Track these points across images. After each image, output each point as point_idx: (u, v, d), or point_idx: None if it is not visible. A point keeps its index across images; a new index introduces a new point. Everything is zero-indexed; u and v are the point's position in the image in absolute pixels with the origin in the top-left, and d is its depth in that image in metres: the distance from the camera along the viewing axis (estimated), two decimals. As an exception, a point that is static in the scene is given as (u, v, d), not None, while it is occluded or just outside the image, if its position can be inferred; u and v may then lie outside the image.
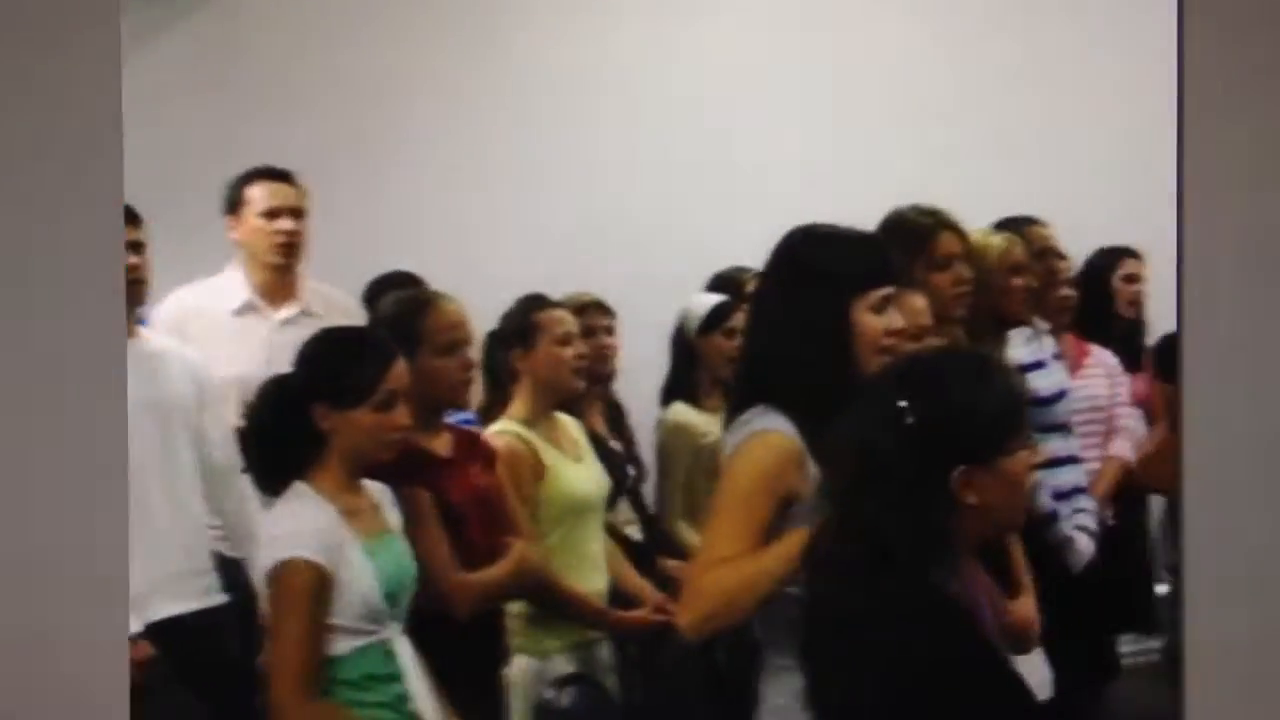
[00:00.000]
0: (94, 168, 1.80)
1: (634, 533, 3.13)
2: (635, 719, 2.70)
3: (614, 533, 3.02)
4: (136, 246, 2.60)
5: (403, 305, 2.59)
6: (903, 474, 1.73)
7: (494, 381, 2.96)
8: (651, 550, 3.09)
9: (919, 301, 2.42)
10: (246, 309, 3.02)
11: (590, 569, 2.83)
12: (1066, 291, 3.22)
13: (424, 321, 2.51)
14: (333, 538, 2.24)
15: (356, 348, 2.36)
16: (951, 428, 1.75)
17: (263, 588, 2.26)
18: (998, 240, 2.86)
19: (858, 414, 1.80)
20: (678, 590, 2.88)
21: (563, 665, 2.72)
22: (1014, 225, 2.96)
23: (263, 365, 2.66)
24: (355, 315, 3.01)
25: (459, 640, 2.40)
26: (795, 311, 2.09)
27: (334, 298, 3.09)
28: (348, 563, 2.23)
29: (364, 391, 2.28)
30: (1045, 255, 3.03)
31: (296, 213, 3.02)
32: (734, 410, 2.13)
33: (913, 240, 2.66)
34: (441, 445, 2.54)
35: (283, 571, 2.21)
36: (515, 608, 2.68)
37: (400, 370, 2.31)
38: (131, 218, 2.42)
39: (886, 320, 2.09)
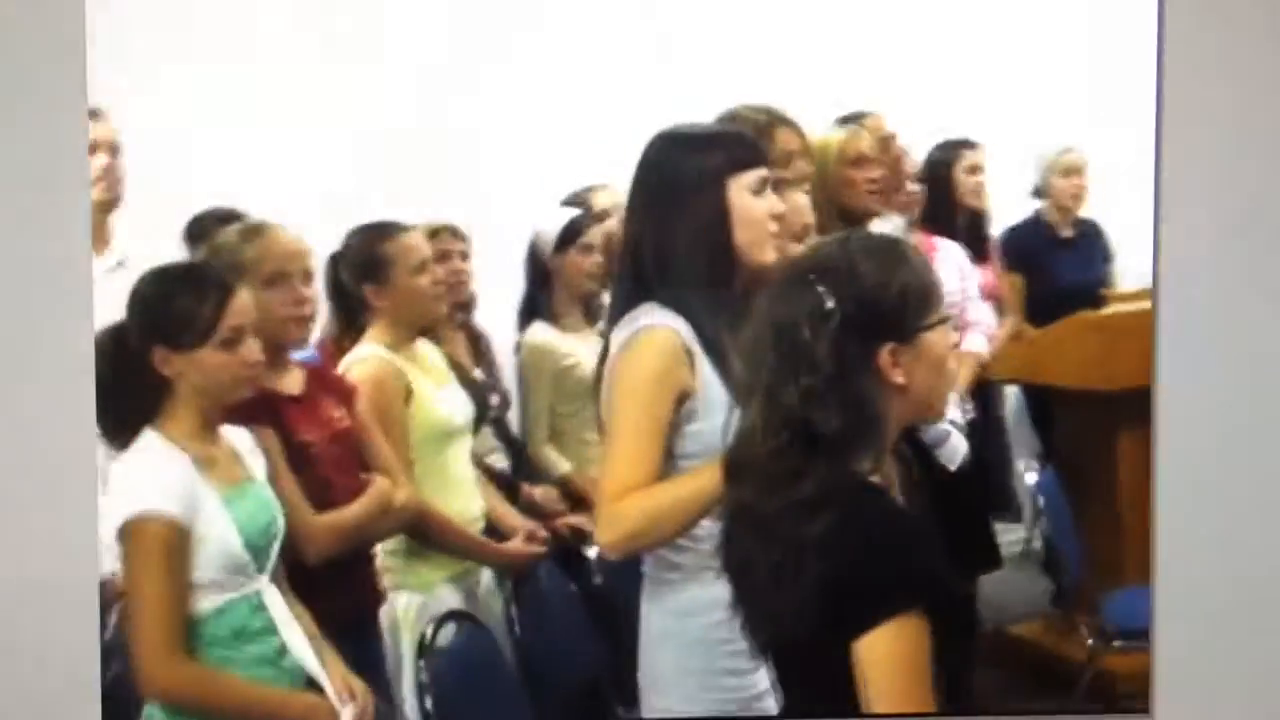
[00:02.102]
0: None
1: (499, 461, 3.05)
2: (518, 650, 2.63)
3: (479, 463, 2.95)
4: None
5: (228, 237, 2.45)
6: (827, 361, 1.71)
7: (343, 311, 2.84)
8: (517, 479, 3.02)
9: (800, 198, 2.37)
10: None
11: (462, 495, 2.75)
12: (913, 187, 3.20)
13: (250, 252, 2.37)
14: (187, 488, 2.12)
15: (188, 284, 2.23)
16: (872, 307, 1.73)
17: (114, 546, 2.13)
18: (839, 133, 2.82)
19: (772, 308, 1.76)
20: (544, 517, 2.84)
21: (448, 596, 2.64)
22: (854, 120, 2.91)
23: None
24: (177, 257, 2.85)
25: (335, 585, 2.31)
26: (672, 204, 2.04)
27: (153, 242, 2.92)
28: (204, 514, 2.12)
29: (204, 330, 2.16)
30: (888, 146, 2.99)
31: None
32: (620, 311, 2.07)
33: None
34: (291, 383, 2.42)
35: (135, 527, 2.09)
36: (391, 544, 2.60)
37: (243, 305, 2.20)
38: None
39: (768, 204, 2.04)
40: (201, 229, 2.84)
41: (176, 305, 2.20)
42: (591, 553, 2.86)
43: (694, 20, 3.98)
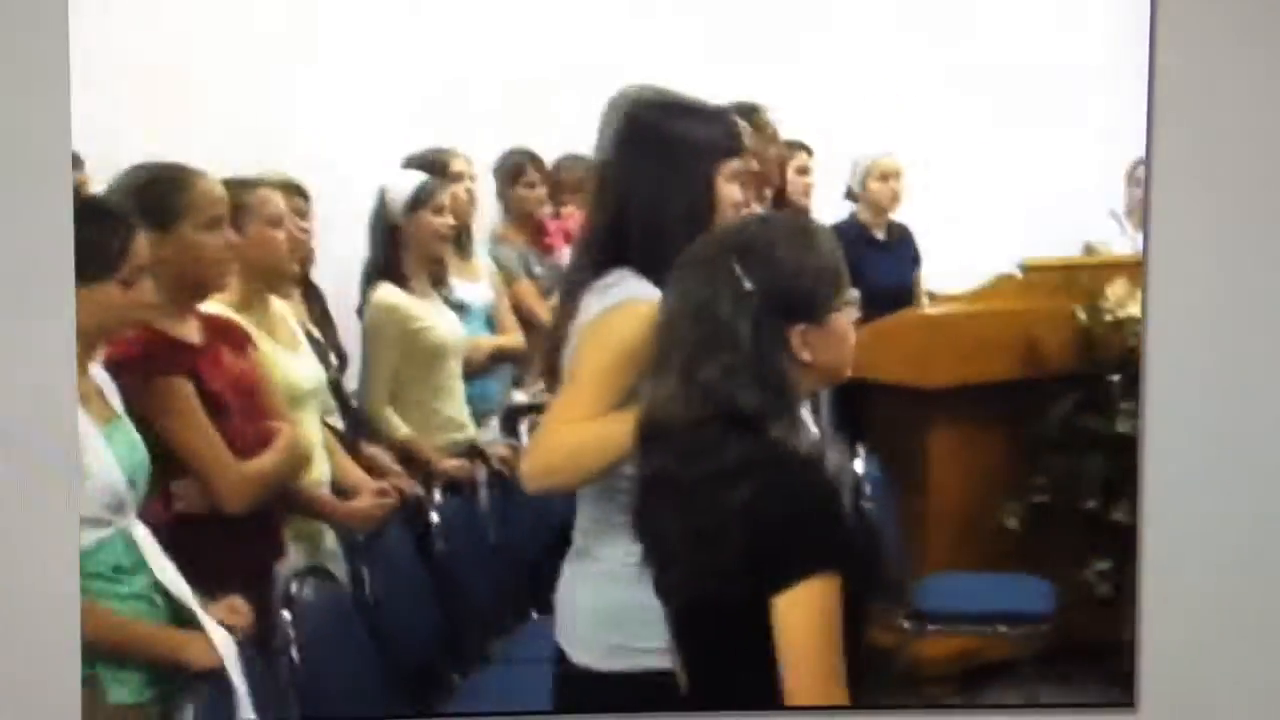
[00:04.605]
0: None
1: (336, 422, 3.00)
2: (365, 610, 2.61)
3: (325, 424, 2.90)
4: None
5: (155, 175, 2.36)
6: (745, 338, 1.76)
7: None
8: (357, 439, 2.98)
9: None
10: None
11: (314, 459, 2.71)
12: (808, 180, 3.29)
13: (186, 196, 2.29)
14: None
15: (97, 218, 2.15)
16: (788, 290, 1.80)
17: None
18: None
19: (691, 284, 1.81)
20: (384, 474, 2.83)
21: (297, 555, 2.60)
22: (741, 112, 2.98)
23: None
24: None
25: (242, 537, 2.26)
26: (663, 178, 2.07)
27: None
28: (90, 449, 2.04)
29: (109, 264, 2.09)
30: (770, 142, 3.08)
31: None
32: (586, 271, 2.08)
33: None
34: (191, 331, 2.35)
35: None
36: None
37: (143, 244, 2.13)
38: None
39: (737, 191, 2.10)
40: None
41: (84, 236, 2.12)
42: (434, 518, 2.86)
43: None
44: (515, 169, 3.17)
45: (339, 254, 3.18)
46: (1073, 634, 2.96)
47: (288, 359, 2.72)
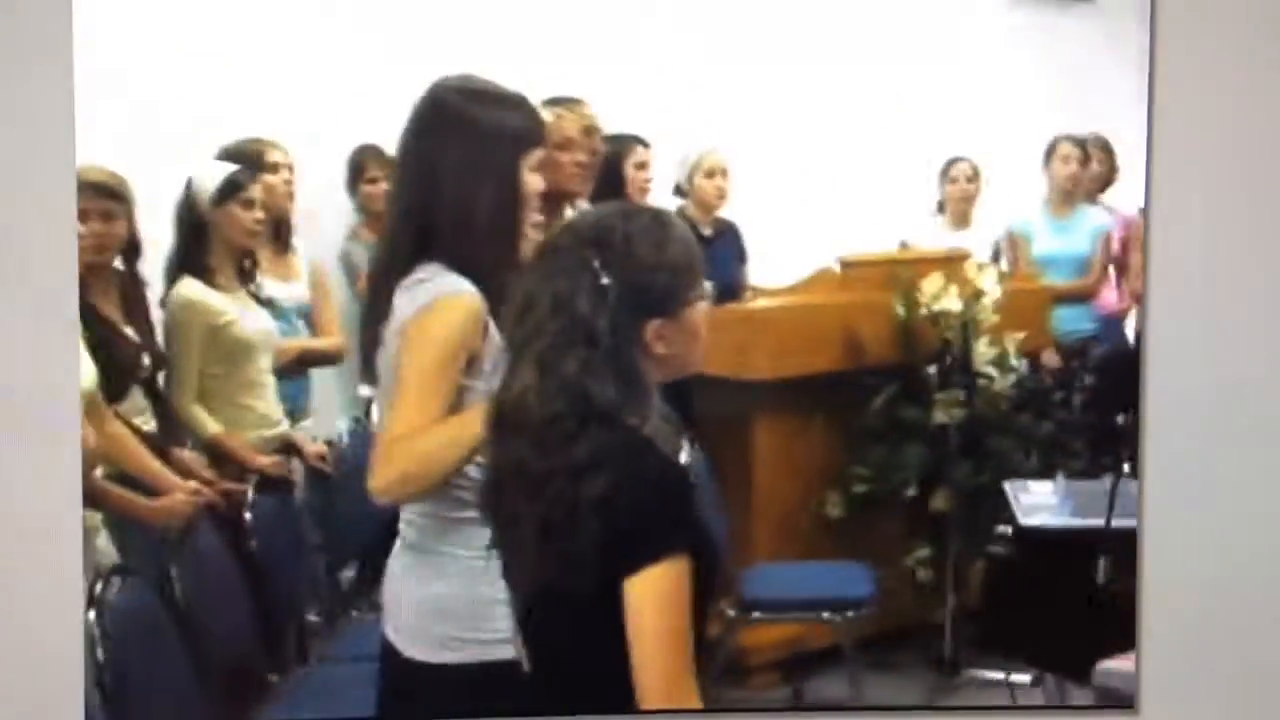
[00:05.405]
0: None
1: (146, 422, 2.89)
2: (175, 610, 2.51)
3: (127, 424, 2.79)
4: None
5: None
6: (601, 332, 1.76)
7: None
8: (166, 439, 2.87)
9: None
10: None
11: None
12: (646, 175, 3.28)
13: None
14: None
15: None
16: (644, 285, 1.80)
17: None
18: (547, 115, 2.85)
19: (548, 276, 1.80)
20: (194, 476, 2.74)
21: (107, 549, 2.52)
22: (562, 104, 2.97)
23: None
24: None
25: None
26: (467, 167, 2.04)
27: None
28: None
29: None
30: (591, 134, 3.06)
31: None
32: (393, 267, 2.05)
33: None
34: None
35: None
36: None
37: None
38: None
39: (540, 181, 2.09)
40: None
41: None
42: (249, 516, 2.78)
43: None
44: (358, 166, 3.11)
45: (155, 247, 3.08)
46: (894, 619, 3.01)
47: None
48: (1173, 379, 2.43)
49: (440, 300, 2.05)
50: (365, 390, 2.67)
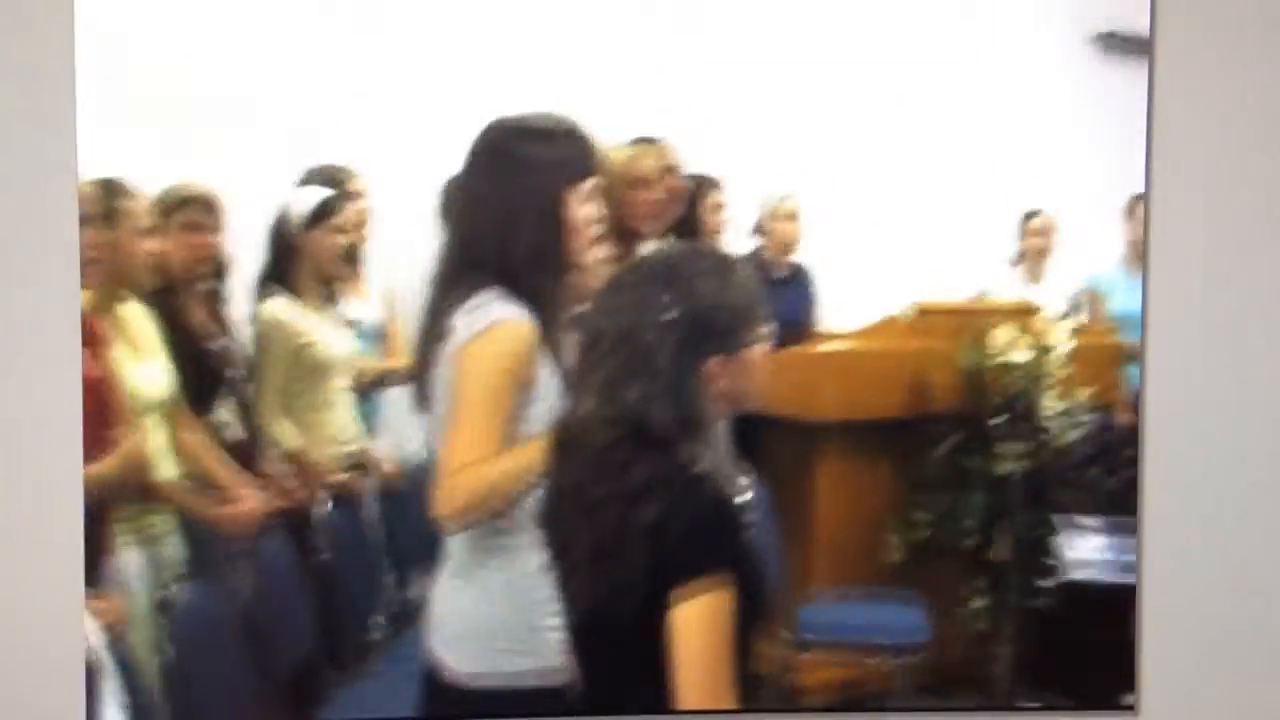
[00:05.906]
0: None
1: (235, 432, 3.00)
2: (241, 613, 2.60)
3: (207, 432, 2.90)
4: None
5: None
6: (665, 365, 1.82)
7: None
8: (252, 449, 2.98)
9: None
10: None
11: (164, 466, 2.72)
12: (721, 217, 3.32)
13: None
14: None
15: None
16: (708, 322, 1.86)
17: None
18: (626, 153, 2.93)
19: (615, 308, 1.86)
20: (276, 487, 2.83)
21: (176, 550, 2.60)
22: (641, 143, 3.03)
23: None
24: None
25: None
26: (510, 199, 2.11)
27: None
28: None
29: None
30: (668, 173, 3.12)
31: None
32: (451, 293, 2.12)
33: None
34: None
35: None
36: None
37: None
38: None
39: (593, 210, 2.14)
40: None
41: None
42: (319, 527, 2.87)
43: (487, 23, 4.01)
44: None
45: (245, 265, 3.19)
46: (948, 666, 3.02)
47: (138, 366, 2.72)
48: (1173, 379, 2.42)
49: (496, 326, 2.12)
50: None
